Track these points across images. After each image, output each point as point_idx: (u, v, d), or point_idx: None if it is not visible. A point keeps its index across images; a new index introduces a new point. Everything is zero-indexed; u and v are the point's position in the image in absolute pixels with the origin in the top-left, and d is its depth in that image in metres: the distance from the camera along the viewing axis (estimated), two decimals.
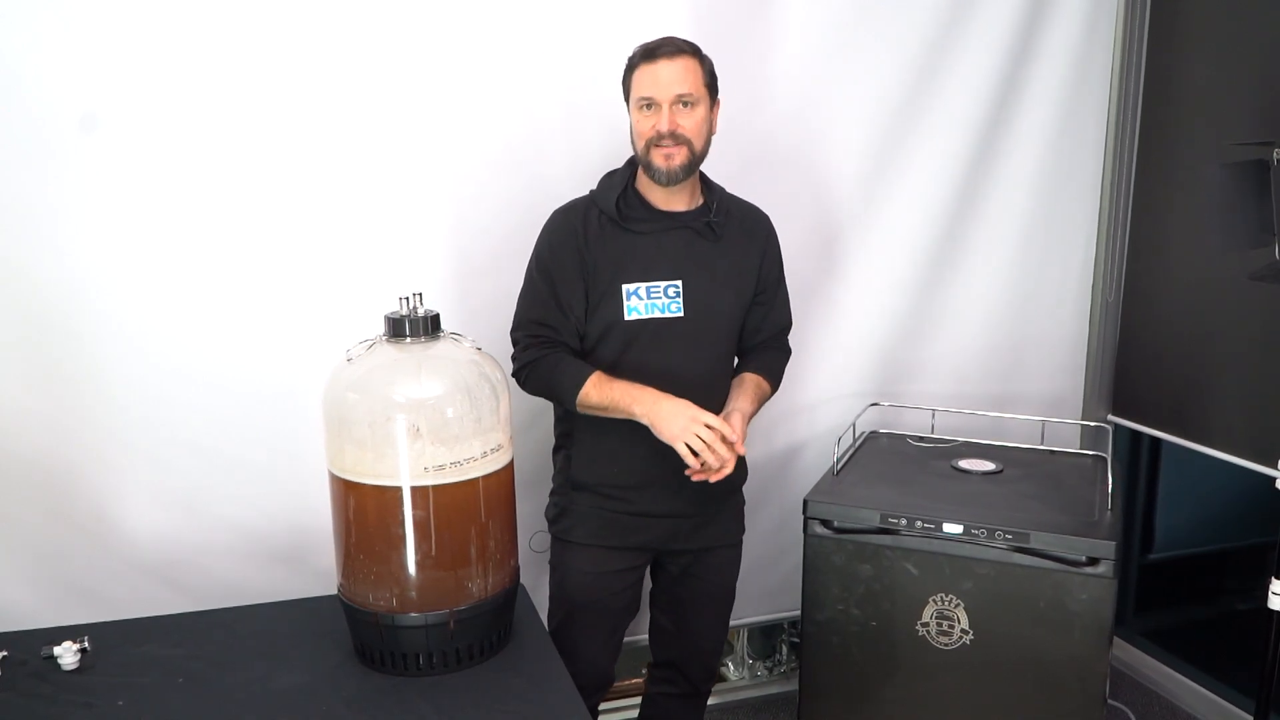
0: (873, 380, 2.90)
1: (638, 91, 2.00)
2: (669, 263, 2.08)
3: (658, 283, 2.07)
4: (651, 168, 2.02)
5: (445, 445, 1.62)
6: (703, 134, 2.03)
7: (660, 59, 1.97)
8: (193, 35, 2.16)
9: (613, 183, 2.11)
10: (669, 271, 2.07)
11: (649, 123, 1.99)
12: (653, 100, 1.98)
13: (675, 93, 1.97)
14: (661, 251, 2.08)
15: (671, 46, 1.99)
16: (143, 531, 2.32)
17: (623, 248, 2.07)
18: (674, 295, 2.07)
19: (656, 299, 2.07)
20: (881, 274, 2.84)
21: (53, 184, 2.14)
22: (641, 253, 2.07)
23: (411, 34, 2.30)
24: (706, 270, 2.10)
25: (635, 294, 2.06)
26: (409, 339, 1.67)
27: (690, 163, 2.02)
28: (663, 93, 1.97)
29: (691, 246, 2.10)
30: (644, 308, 2.07)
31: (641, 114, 2.00)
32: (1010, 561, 2.20)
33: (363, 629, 1.70)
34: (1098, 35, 2.86)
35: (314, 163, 2.29)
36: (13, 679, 1.67)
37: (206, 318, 2.28)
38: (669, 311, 2.07)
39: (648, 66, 1.98)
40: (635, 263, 2.07)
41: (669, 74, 1.97)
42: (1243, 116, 2.58)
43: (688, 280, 2.08)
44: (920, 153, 2.77)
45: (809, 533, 2.37)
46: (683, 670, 2.39)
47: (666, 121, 1.97)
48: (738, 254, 2.16)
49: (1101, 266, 3.03)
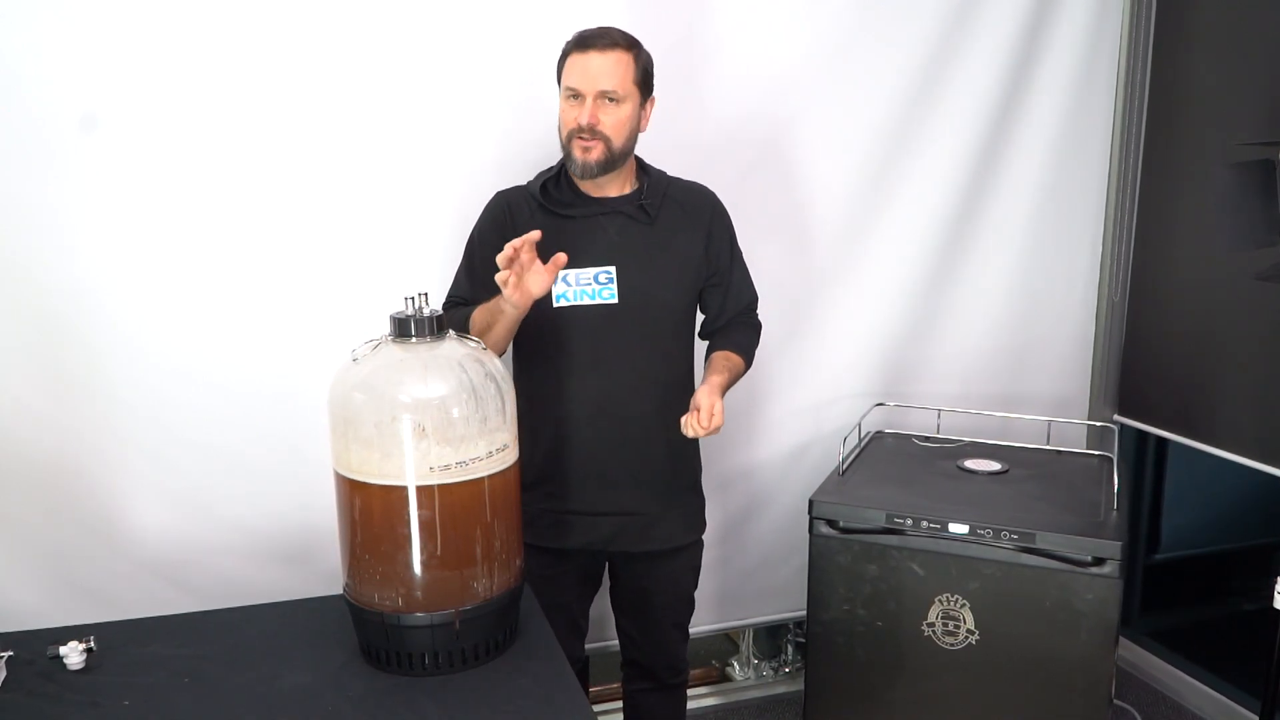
0: (878, 380, 2.90)
1: (565, 80, 1.98)
2: (600, 249, 2.04)
3: (587, 269, 2.03)
4: (570, 158, 2.00)
5: (451, 445, 1.62)
6: (624, 131, 1.99)
7: (592, 50, 1.94)
8: (194, 35, 2.17)
9: (546, 172, 2.09)
10: (600, 258, 2.03)
11: (572, 113, 1.97)
12: (578, 91, 1.95)
13: (600, 88, 1.94)
14: (592, 237, 2.04)
15: (606, 39, 1.95)
16: (148, 531, 2.32)
17: (552, 232, 2.01)
18: (606, 281, 2.03)
19: (586, 285, 2.03)
20: (887, 274, 2.83)
21: (57, 185, 2.15)
22: (571, 238, 2.02)
23: (413, 34, 2.31)
24: (641, 256, 2.06)
25: (564, 280, 2.01)
26: (414, 339, 1.67)
27: (607, 159, 1.98)
28: (588, 85, 1.94)
29: (625, 232, 2.05)
30: (573, 294, 2.03)
31: (567, 103, 1.98)
32: (1016, 561, 2.20)
33: (368, 629, 1.70)
34: (1103, 36, 2.85)
35: (317, 163, 2.30)
36: (19, 679, 1.67)
37: (211, 318, 2.29)
38: (600, 298, 2.03)
39: (578, 56, 1.95)
40: (565, 248, 2.00)
41: (598, 67, 1.94)
42: (1248, 117, 2.58)
43: (621, 266, 2.04)
44: (926, 154, 2.77)
45: (814, 533, 2.37)
46: (649, 669, 2.37)
47: (587, 115, 1.94)
48: (679, 238, 2.10)
49: (1107, 267, 3.03)
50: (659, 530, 2.18)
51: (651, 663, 2.36)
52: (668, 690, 2.41)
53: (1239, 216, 2.25)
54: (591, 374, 2.02)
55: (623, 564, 2.24)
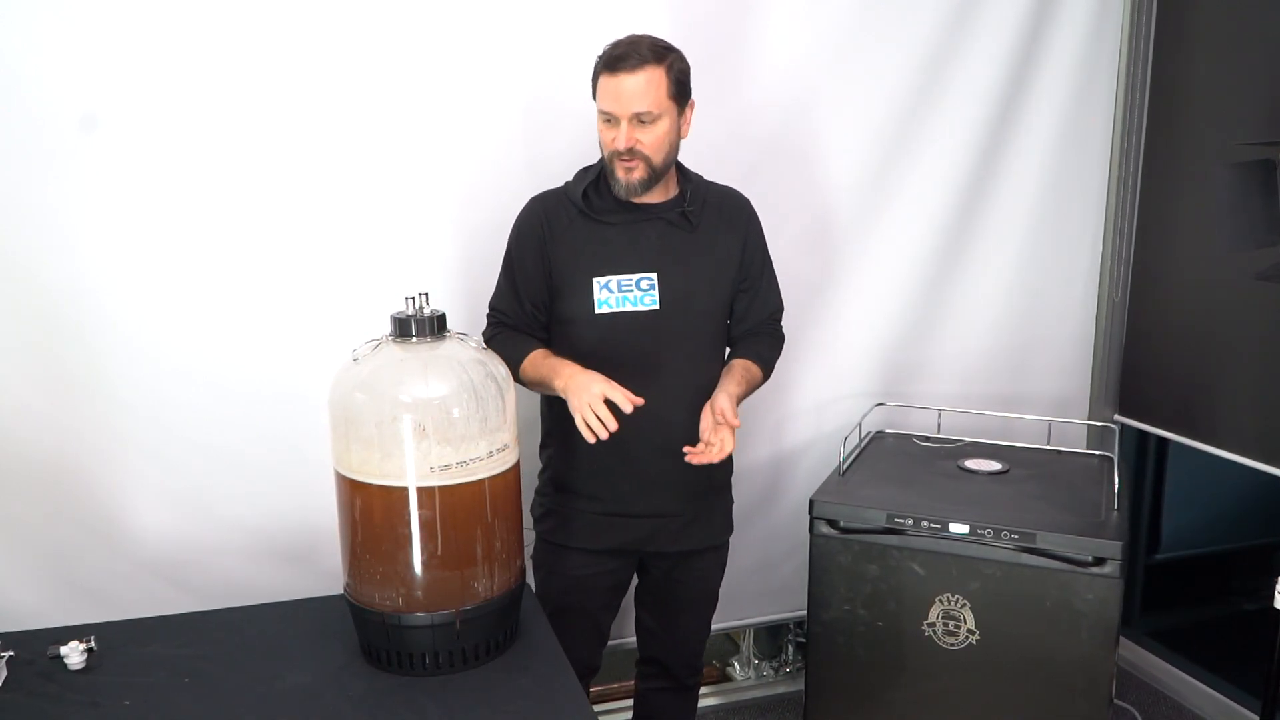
0: (879, 380, 2.90)
1: (600, 103, 1.96)
2: (642, 255, 2.04)
3: (630, 275, 2.03)
4: (613, 178, 1.99)
5: (451, 445, 1.62)
6: (664, 147, 1.98)
7: (621, 72, 1.91)
8: (194, 35, 2.16)
9: (586, 174, 2.08)
10: (642, 264, 2.03)
11: (609, 135, 1.96)
12: (612, 115, 1.94)
13: (633, 110, 1.92)
14: (633, 243, 2.04)
15: (635, 58, 1.91)
16: (149, 531, 2.32)
17: (592, 240, 2.03)
18: (648, 288, 2.03)
19: (628, 292, 2.03)
20: (888, 274, 2.83)
21: (57, 185, 2.15)
22: (612, 245, 2.03)
23: (414, 34, 2.30)
24: (683, 262, 2.06)
25: (606, 287, 2.02)
26: (415, 339, 1.67)
27: (650, 176, 1.98)
28: (622, 109, 1.92)
29: (666, 238, 2.06)
30: (615, 301, 2.03)
31: (604, 124, 1.97)
32: (1016, 561, 2.20)
33: (369, 629, 1.70)
34: (1104, 36, 2.85)
35: (318, 163, 2.30)
36: (19, 678, 1.67)
37: (212, 318, 2.29)
38: (642, 305, 2.03)
39: (609, 79, 1.92)
40: (605, 255, 2.03)
41: (630, 90, 1.91)
42: (1248, 117, 2.58)
43: (663, 272, 2.04)
44: (926, 153, 2.77)
45: (815, 533, 2.37)
46: (667, 666, 2.39)
47: (624, 139, 1.93)
48: (717, 243, 2.11)
49: (1108, 266, 3.03)
50: (695, 530, 2.20)
51: (671, 660, 2.37)
52: (683, 691, 2.43)
53: (1239, 216, 2.26)
54: (632, 378, 2.02)
55: (655, 562, 2.25)
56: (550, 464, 2.18)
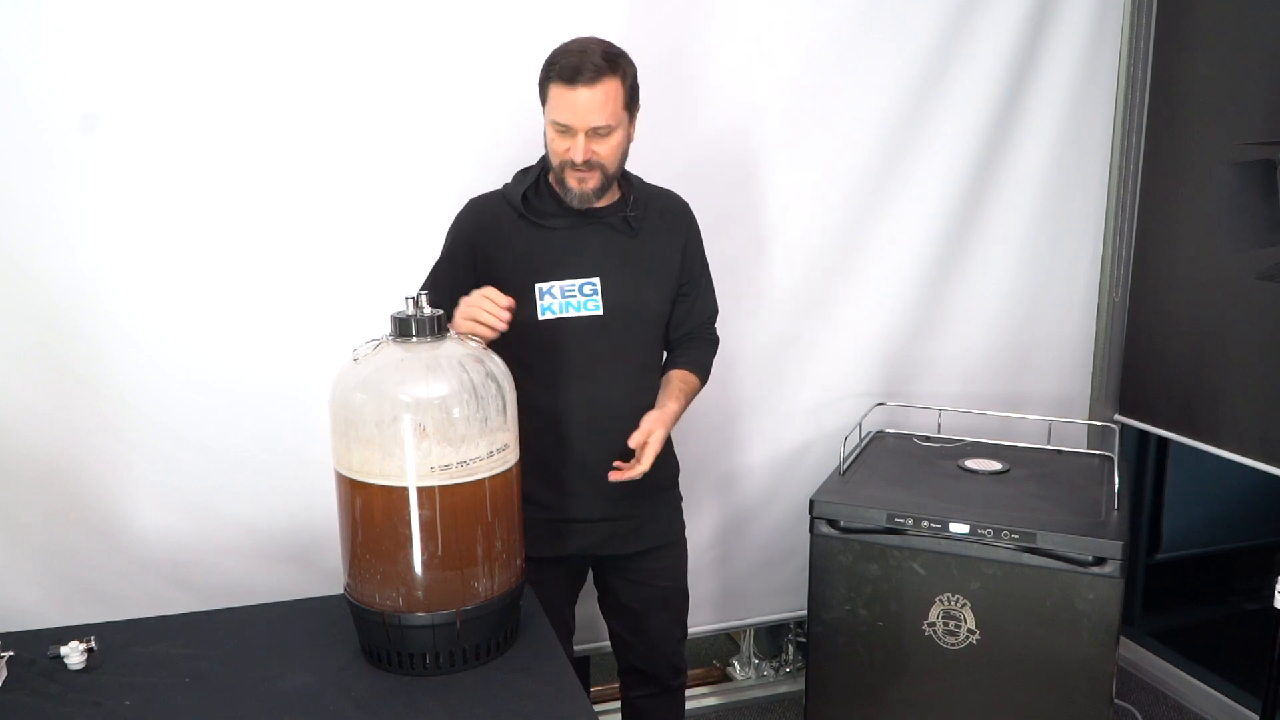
0: (879, 380, 2.90)
1: (553, 113, 1.90)
2: (585, 260, 2.02)
3: (573, 280, 2.01)
4: (564, 187, 1.96)
5: (452, 445, 1.62)
6: (618, 156, 1.96)
7: (579, 85, 1.85)
8: (195, 36, 2.17)
9: (525, 176, 2.05)
10: (585, 269, 2.01)
11: (563, 145, 1.91)
12: (568, 127, 1.89)
13: (591, 124, 1.88)
14: (576, 248, 2.02)
15: (591, 69, 1.85)
16: (150, 531, 2.32)
17: (534, 245, 2.01)
18: (591, 293, 2.01)
19: (571, 297, 2.01)
20: (888, 274, 2.83)
21: (58, 185, 2.15)
22: (555, 250, 2.01)
23: (415, 34, 2.31)
24: (626, 267, 2.04)
25: (549, 293, 2.00)
26: (415, 339, 1.67)
27: (603, 184, 1.96)
28: (579, 122, 1.88)
29: (609, 243, 2.03)
30: (558, 306, 2.01)
31: (557, 134, 1.91)
32: (1017, 561, 2.20)
33: (370, 629, 1.70)
34: (1104, 35, 2.85)
35: (319, 163, 2.30)
36: (20, 678, 1.67)
37: (213, 318, 2.29)
38: (585, 310, 2.02)
39: (565, 90, 1.86)
40: (548, 260, 2.01)
41: (586, 104, 1.87)
42: (1250, 116, 2.58)
43: (606, 277, 2.02)
44: (927, 153, 2.77)
45: (815, 533, 2.37)
46: (647, 672, 2.35)
47: (581, 152, 1.89)
48: (658, 247, 2.09)
49: (1109, 266, 3.03)
50: (650, 529, 2.19)
51: (651, 665, 2.34)
52: (669, 694, 2.39)
53: (1240, 216, 2.25)
54: (578, 384, 2.02)
55: (612, 567, 2.24)
56: None
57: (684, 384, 2.12)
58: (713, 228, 2.62)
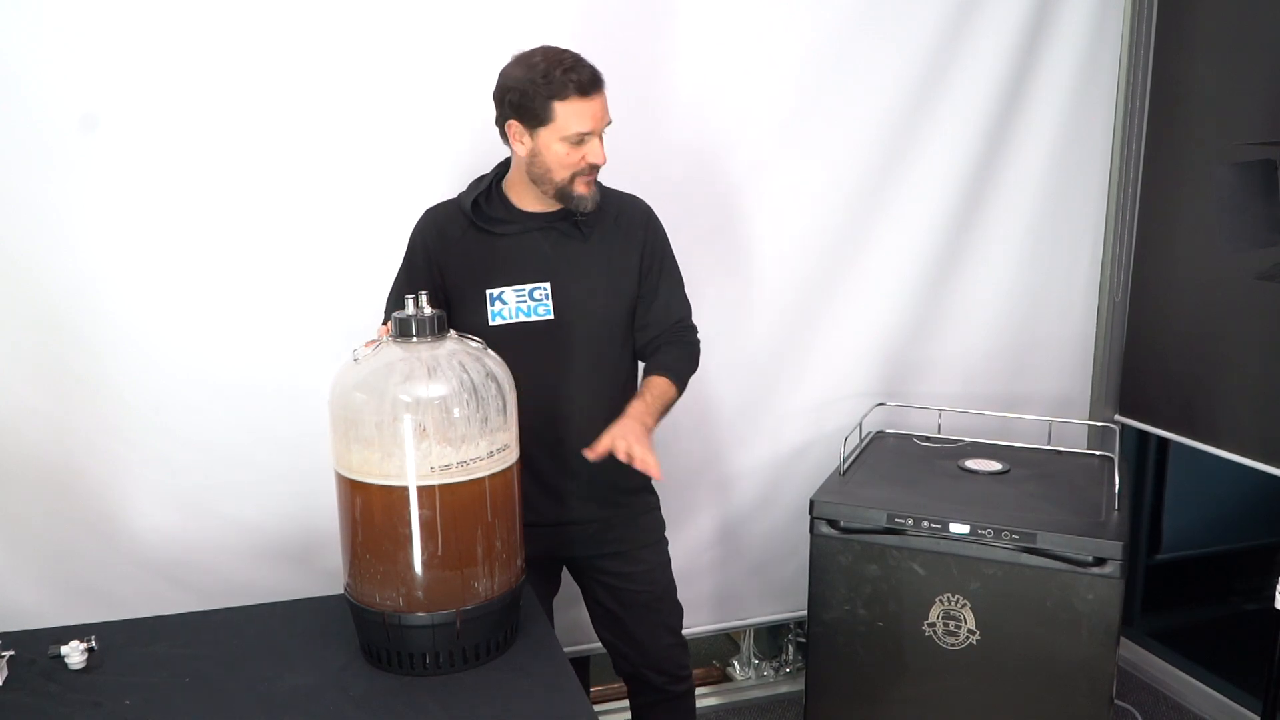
0: (879, 380, 2.90)
1: (573, 124, 1.90)
2: (534, 264, 2.02)
3: (524, 285, 2.01)
4: (573, 197, 1.96)
5: (451, 445, 1.62)
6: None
7: (594, 95, 1.90)
8: (195, 35, 2.17)
9: (478, 184, 2.06)
10: (534, 273, 2.01)
11: (578, 154, 1.93)
12: (587, 134, 1.91)
13: (606, 125, 1.94)
14: (526, 253, 2.02)
15: (597, 77, 1.91)
16: (150, 531, 2.32)
17: (484, 251, 2.01)
18: (541, 298, 2.01)
19: (523, 302, 2.01)
20: (888, 274, 2.83)
21: (58, 185, 2.15)
22: (504, 255, 2.01)
23: (414, 32, 2.31)
24: (576, 271, 2.04)
25: (500, 298, 2.01)
26: (415, 339, 1.67)
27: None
28: (600, 126, 1.92)
29: (559, 247, 2.03)
30: (509, 312, 2.01)
31: (570, 147, 1.92)
32: (1017, 562, 2.20)
33: (369, 629, 1.70)
34: (1105, 35, 2.85)
35: (319, 163, 2.30)
36: (20, 678, 1.67)
37: (213, 318, 2.29)
38: (536, 314, 2.02)
39: (585, 102, 1.89)
40: (498, 266, 2.01)
41: (603, 107, 1.92)
42: (1250, 117, 2.58)
43: (556, 282, 2.02)
44: (927, 153, 2.77)
45: (815, 533, 2.37)
46: (644, 679, 2.31)
47: (601, 153, 1.93)
48: (613, 250, 2.08)
49: (1109, 266, 3.03)
50: (614, 534, 2.17)
51: (645, 671, 2.29)
52: (673, 700, 2.34)
53: (1240, 216, 2.25)
54: (532, 389, 1.99)
55: (585, 571, 2.22)
56: None
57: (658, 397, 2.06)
58: (713, 228, 2.63)
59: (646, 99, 2.43)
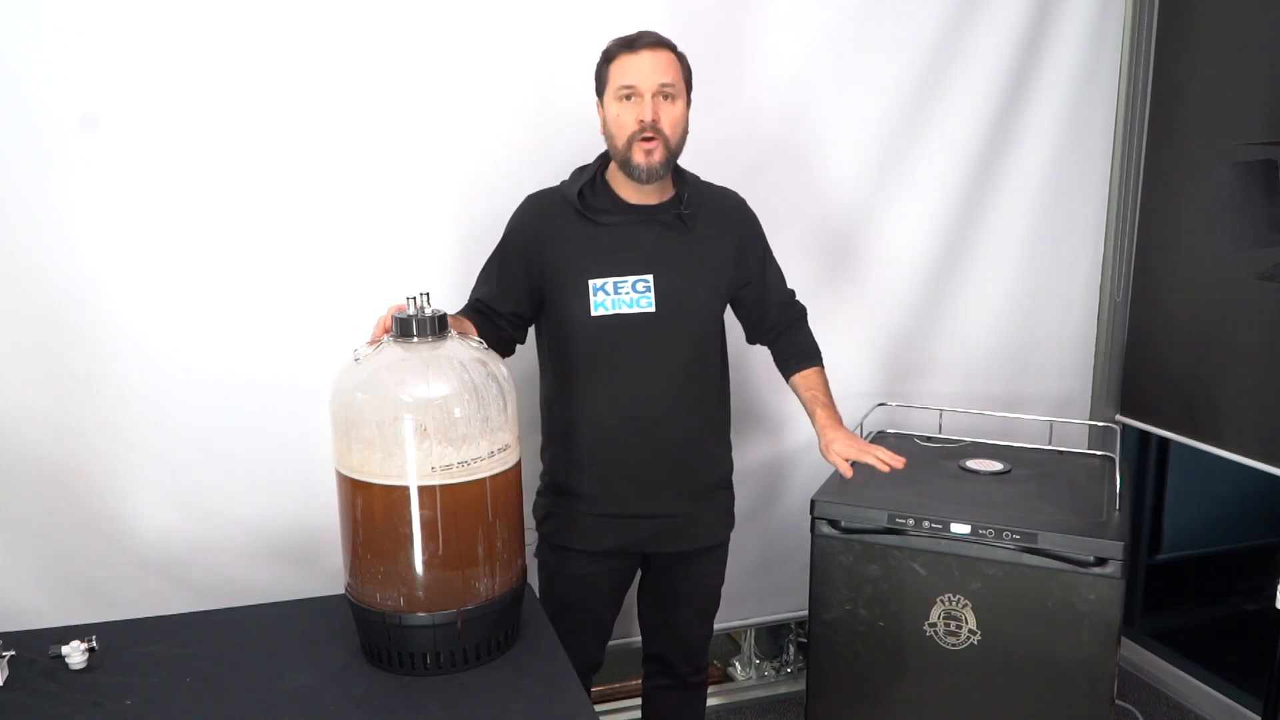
0: (880, 380, 2.90)
1: (618, 80, 1.94)
2: (638, 256, 2.03)
3: (626, 277, 2.02)
4: (630, 165, 1.97)
5: (453, 445, 1.62)
6: (679, 130, 2.00)
7: (642, 49, 1.92)
8: (195, 34, 2.17)
9: (582, 174, 2.07)
10: (638, 265, 2.02)
11: (631, 114, 1.94)
12: (635, 90, 1.93)
13: (659, 81, 1.93)
14: (630, 245, 2.03)
15: (652, 37, 1.94)
16: (150, 531, 2.32)
17: (588, 241, 2.02)
18: (644, 290, 2.02)
19: (625, 294, 2.02)
20: (889, 274, 2.83)
21: (59, 185, 2.15)
22: (608, 246, 2.02)
23: (416, 31, 2.31)
24: (679, 264, 2.05)
25: (602, 289, 2.02)
26: (416, 339, 1.67)
27: (668, 159, 1.99)
28: (646, 81, 1.92)
29: (662, 240, 2.05)
30: (611, 303, 2.02)
31: (621, 105, 1.95)
32: (1018, 562, 2.20)
33: (370, 628, 1.70)
34: (1105, 35, 2.85)
35: (320, 162, 2.30)
36: (21, 678, 1.67)
37: (213, 317, 2.29)
38: (638, 307, 2.03)
39: (629, 56, 1.93)
40: (601, 257, 2.02)
41: (651, 63, 1.93)
42: (1250, 116, 2.58)
43: (659, 275, 2.03)
44: (928, 153, 2.77)
45: (816, 533, 2.37)
46: (671, 663, 2.38)
47: (650, 110, 1.93)
48: (712, 245, 2.10)
49: (1110, 266, 3.03)
50: (695, 529, 2.20)
51: (674, 656, 2.37)
52: (689, 689, 2.42)
53: (1241, 216, 2.25)
54: (629, 381, 2.03)
55: (656, 560, 2.25)
56: (550, 467, 2.18)
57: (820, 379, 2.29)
58: None
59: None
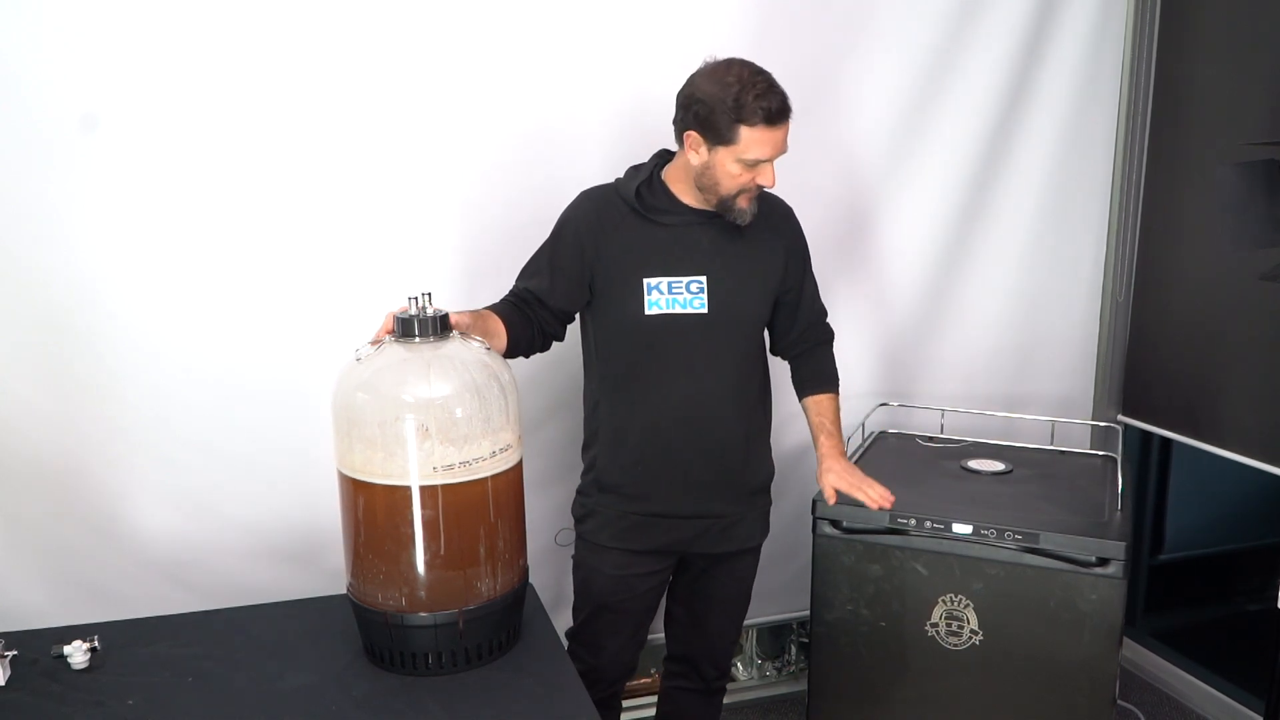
0: (882, 380, 2.89)
1: (753, 152, 1.90)
2: (693, 257, 2.03)
3: (680, 278, 2.02)
4: (734, 210, 1.98)
5: (454, 445, 1.62)
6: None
7: (781, 125, 1.90)
8: (196, 35, 2.16)
9: (637, 173, 2.07)
10: (692, 266, 2.03)
11: (749, 176, 1.94)
12: (766, 159, 1.93)
13: (783, 152, 1.95)
14: (685, 246, 2.03)
15: (786, 106, 1.90)
16: (152, 531, 2.32)
17: (644, 239, 2.02)
18: (697, 291, 2.03)
19: (679, 294, 2.02)
20: (891, 274, 2.83)
21: (60, 185, 2.15)
22: (664, 246, 2.03)
23: (419, 32, 2.30)
24: (731, 267, 2.06)
25: (656, 288, 2.02)
26: (418, 339, 1.67)
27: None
28: (777, 154, 1.94)
29: (716, 242, 2.05)
30: (665, 303, 2.02)
31: (742, 168, 1.93)
32: (1020, 562, 2.20)
33: (372, 628, 1.70)
34: (1108, 35, 2.85)
35: (322, 162, 2.29)
36: (23, 678, 1.67)
37: (216, 317, 2.29)
38: (691, 308, 2.03)
39: (771, 131, 1.89)
40: (657, 256, 2.02)
41: (784, 137, 1.93)
42: (1253, 116, 2.58)
43: (712, 276, 2.03)
44: (930, 153, 2.76)
45: (818, 533, 2.37)
46: (696, 666, 2.37)
47: (772, 178, 1.95)
48: (763, 250, 2.11)
49: (1111, 266, 3.03)
50: (738, 531, 2.20)
51: (699, 659, 2.36)
52: (709, 694, 2.41)
53: (1243, 216, 2.24)
54: (679, 381, 2.03)
55: (695, 561, 2.25)
56: (594, 464, 2.17)
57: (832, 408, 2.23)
58: None
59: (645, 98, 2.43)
